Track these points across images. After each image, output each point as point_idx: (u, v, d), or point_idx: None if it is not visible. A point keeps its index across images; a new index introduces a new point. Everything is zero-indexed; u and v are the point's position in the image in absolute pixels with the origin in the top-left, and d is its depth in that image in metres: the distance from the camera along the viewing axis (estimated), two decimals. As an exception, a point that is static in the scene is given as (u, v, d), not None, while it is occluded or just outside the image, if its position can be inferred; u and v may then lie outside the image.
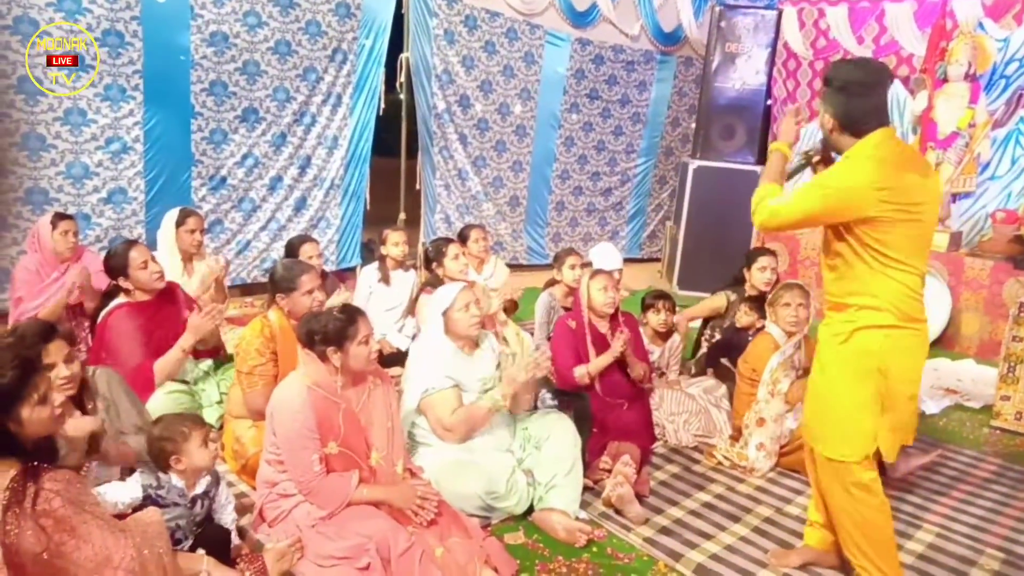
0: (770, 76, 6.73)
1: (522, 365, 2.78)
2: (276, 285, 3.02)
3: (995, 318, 5.15)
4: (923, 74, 5.98)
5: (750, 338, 3.71)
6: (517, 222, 7.23)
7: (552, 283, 4.45)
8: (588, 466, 3.02)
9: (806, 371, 3.37)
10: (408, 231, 4.78)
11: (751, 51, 6.53)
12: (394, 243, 4.52)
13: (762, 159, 6.84)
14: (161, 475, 2.17)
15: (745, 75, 6.55)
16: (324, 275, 4.15)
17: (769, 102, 7.10)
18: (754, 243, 6.26)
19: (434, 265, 4.15)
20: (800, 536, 2.76)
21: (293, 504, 2.33)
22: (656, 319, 3.98)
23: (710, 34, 6.66)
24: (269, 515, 2.40)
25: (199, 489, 2.21)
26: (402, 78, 6.13)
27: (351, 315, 2.40)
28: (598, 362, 3.35)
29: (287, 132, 5.64)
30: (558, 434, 2.88)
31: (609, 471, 3.02)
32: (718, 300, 4.19)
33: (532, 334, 4.33)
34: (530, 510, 2.80)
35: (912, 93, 6.10)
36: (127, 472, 2.33)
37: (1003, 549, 2.85)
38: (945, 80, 5.64)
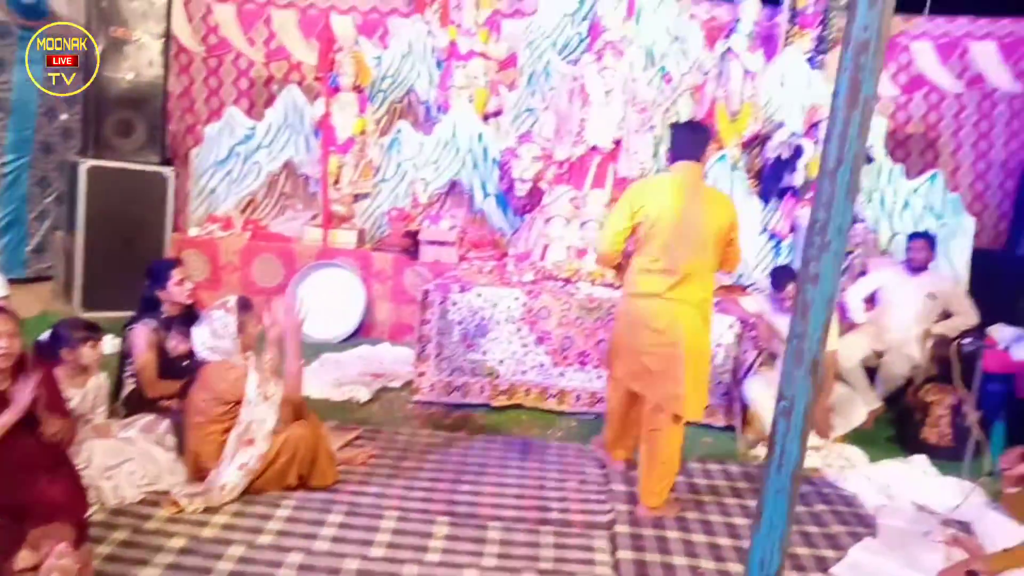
0: (167, 69, 6.19)
1: None
2: None
3: (400, 304, 5.86)
4: (316, 82, 6.38)
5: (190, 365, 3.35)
6: None
7: None
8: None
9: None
10: None
11: (143, 39, 5.88)
12: None
13: (165, 160, 6.30)
14: None
15: (139, 65, 5.87)
16: None
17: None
18: (168, 253, 5.79)
19: None
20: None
21: None
22: (91, 355, 3.24)
23: (88, 14, 5.75)
24: None
25: None
26: None
27: None
28: None
29: None
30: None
31: (35, 569, 2.33)
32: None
33: None
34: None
35: (309, 100, 6.43)
36: None
37: (449, 513, 3.21)
38: (338, 89, 6.11)
